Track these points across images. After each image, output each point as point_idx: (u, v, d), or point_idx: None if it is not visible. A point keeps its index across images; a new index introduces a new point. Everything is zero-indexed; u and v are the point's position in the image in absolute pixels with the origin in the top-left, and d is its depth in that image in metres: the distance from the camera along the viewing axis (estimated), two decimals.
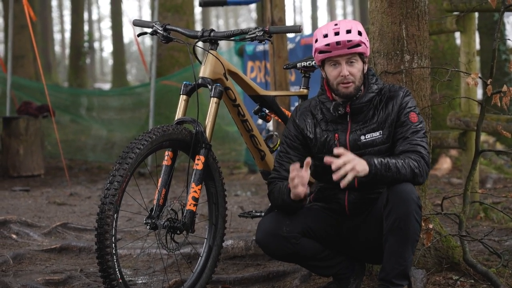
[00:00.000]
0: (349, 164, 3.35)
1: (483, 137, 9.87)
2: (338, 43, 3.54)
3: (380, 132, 3.64)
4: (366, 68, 3.68)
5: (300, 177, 3.46)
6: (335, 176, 3.35)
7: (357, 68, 3.62)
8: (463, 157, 6.12)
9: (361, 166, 3.39)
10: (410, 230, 3.46)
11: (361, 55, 3.62)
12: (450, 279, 4.06)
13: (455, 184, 7.75)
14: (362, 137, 3.65)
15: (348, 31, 3.55)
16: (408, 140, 3.59)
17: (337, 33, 3.55)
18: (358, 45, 3.56)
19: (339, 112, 3.67)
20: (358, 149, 3.63)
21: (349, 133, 3.67)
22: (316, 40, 3.62)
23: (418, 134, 3.60)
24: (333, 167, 3.35)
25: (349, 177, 3.35)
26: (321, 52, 3.61)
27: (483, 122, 4.39)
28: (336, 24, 3.60)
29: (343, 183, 3.34)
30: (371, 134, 3.65)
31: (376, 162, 3.44)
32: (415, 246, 3.53)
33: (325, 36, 3.57)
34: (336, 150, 3.39)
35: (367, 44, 3.62)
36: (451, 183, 7.91)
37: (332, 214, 3.79)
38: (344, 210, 3.74)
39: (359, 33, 3.57)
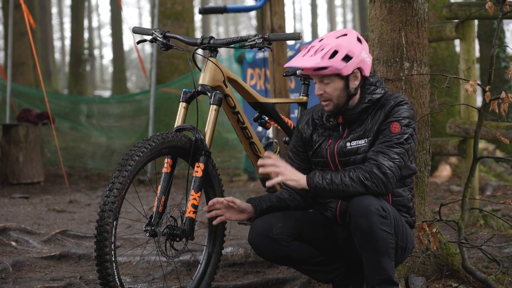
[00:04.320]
0: (277, 168, 3.51)
1: (483, 144, 9.87)
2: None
3: (365, 140, 3.60)
4: (355, 83, 3.58)
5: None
6: (261, 170, 3.55)
7: (333, 87, 3.56)
8: (462, 164, 6.12)
9: (293, 176, 3.53)
10: (379, 241, 3.41)
11: (337, 74, 3.54)
12: (450, 286, 4.06)
13: (455, 191, 7.75)
14: (348, 144, 3.63)
15: (319, 52, 3.51)
16: (375, 148, 3.54)
17: (306, 55, 3.55)
18: (323, 68, 3.50)
19: (330, 122, 3.68)
20: (344, 156, 3.64)
21: (340, 140, 3.67)
22: None
23: (388, 143, 3.51)
24: (259, 162, 3.55)
25: (278, 180, 3.51)
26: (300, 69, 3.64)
27: (482, 129, 4.39)
28: (320, 40, 3.58)
29: (269, 183, 3.54)
30: (357, 141, 3.62)
31: (317, 176, 3.51)
32: (391, 253, 3.46)
33: (299, 55, 3.60)
34: (266, 153, 3.59)
35: (341, 65, 3.48)
36: (451, 190, 7.91)
37: (328, 221, 3.79)
38: (336, 218, 3.74)
39: (333, 55, 3.49)
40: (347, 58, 3.51)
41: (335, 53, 3.50)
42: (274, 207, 3.75)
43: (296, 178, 3.53)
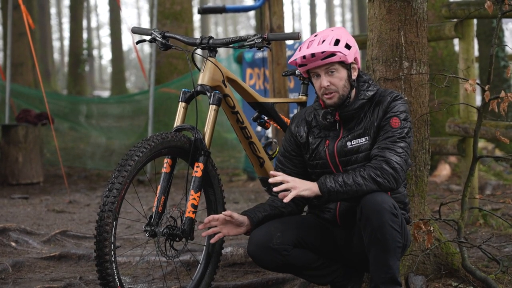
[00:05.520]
0: (288, 183, 3.48)
1: (482, 143, 9.87)
2: (313, 55, 3.54)
3: (366, 138, 3.62)
4: (355, 74, 3.65)
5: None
6: (275, 188, 3.49)
7: (338, 77, 3.59)
8: (462, 164, 6.12)
9: (305, 186, 3.50)
10: (388, 239, 3.42)
11: (342, 63, 3.59)
12: (450, 286, 4.06)
13: (454, 191, 7.74)
14: (349, 143, 3.64)
15: (323, 42, 3.55)
16: (379, 144, 3.56)
17: (312, 45, 3.56)
18: (332, 54, 3.54)
19: (328, 120, 3.67)
20: (345, 156, 3.64)
21: (339, 140, 3.67)
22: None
23: (391, 138, 3.54)
24: (271, 180, 3.50)
25: (293, 194, 3.46)
26: (300, 65, 3.63)
27: (482, 128, 4.39)
28: (316, 35, 3.62)
29: (286, 199, 3.46)
30: (357, 140, 3.63)
31: (328, 180, 3.49)
32: (398, 252, 3.49)
33: (301, 49, 3.60)
34: (272, 172, 3.54)
35: (346, 52, 3.55)
36: (450, 190, 7.91)
37: (326, 223, 3.79)
38: (335, 220, 3.75)
39: (336, 42, 3.55)
40: (347, 46, 3.58)
41: (337, 41, 3.56)
42: (269, 216, 3.74)
43: (308, 187, 3.51)
